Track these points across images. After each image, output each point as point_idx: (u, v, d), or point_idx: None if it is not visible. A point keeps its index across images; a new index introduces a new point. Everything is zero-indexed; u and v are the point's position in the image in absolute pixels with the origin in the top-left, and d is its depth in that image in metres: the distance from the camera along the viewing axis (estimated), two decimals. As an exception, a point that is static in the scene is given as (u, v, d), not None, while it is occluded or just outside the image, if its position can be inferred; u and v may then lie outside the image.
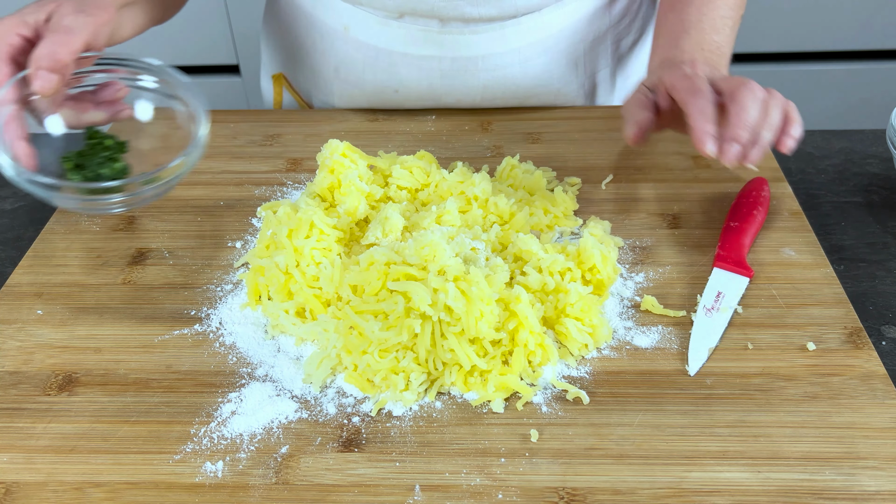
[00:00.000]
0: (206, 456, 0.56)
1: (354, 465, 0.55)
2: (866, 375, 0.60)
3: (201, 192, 0.82)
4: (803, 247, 0.72)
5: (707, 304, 0.66)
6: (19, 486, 0.54)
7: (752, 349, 0.63)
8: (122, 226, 0.77)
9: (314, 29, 0.91)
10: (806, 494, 0.53)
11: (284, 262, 0.65)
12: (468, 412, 0.59)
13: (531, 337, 0.61)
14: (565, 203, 0.75)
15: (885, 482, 0.53)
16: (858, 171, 0.85)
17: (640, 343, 0.64)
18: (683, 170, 0.83)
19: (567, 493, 0.53)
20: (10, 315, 0.68)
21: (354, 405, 0.59)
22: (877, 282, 0.71)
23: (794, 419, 0.57)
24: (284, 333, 0.65)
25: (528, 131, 0.89)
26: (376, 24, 0.87)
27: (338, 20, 0.89)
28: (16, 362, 0.63)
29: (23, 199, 0.85)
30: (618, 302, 0.67)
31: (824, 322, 0.65)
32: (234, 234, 0.76)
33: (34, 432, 0.58)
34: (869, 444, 0.55)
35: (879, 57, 1.71)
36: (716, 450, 0.55)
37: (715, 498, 0.52)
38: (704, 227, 0.75)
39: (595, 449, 0.56)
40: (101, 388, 0.61)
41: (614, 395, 0.60)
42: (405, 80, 0.89)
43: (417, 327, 0.59)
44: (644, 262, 0.71)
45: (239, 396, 0.60)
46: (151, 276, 0.71)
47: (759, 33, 1.65)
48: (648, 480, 0.54)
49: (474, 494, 0.53)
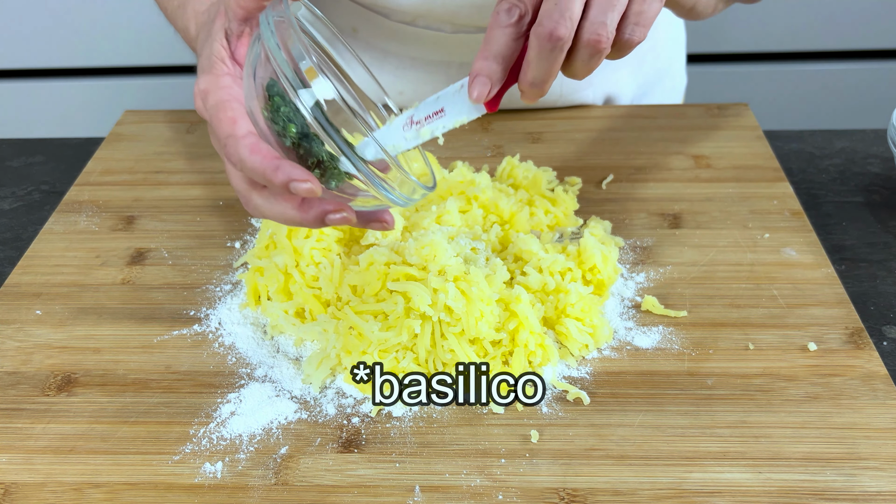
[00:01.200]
0: (205, 457, 0.56)
1: (354, 465, 0.55)
2: (867, 376, 0.60)
3: (201, 192, 0.81)
4: (804, 247, 0.72)
5: (417, 117, 0.53)
6: (18, 486, 0.54)
7: (752, 349, 0.63)
8: (121, 226, 0.77)
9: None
10: (807, 495, 0.52)
11: (284, 263, 0.65)
12: (468, 413, 0.59)
13: (531, 337, 0.60)
14: (565, 203, 0.75)
15: (886, 483, 0.53)
16: (859, 171, 0.85)
17: (641, 343, 0.63)
18: (683, 170, 0.83)
19: (567, 494, 0.53)
20: (9, 315, 0.68)
21: (354, 406, 0.59)
22: (878, 282, 0.71)
23: (795, 420, 0.57)
24: (284, 334, 0.65)
25: (529, 131, 0.89)
26: (387, 28, 0.86)
27: (347, 21, 0.88)
28: (14, 362, 0.63)
29: (22, 199, 0.85)
30: (618, 302, 0.67)
31: (825, 322, 0.64)
32: (233, 234, 0.76)
33: (33, 433, 0.58)
34: (870, 445, 0.55)
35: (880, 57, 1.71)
36: (716, 450, 0.55)
37: (716, 499, 0.52)
38: (705, 227, 0.75)
39: (595, 449, 0.56)
40: (100, 389, 0.61)
41: (615, 396, 0.59)
42: (410, 83, 0.89)
43: (417, 328, 0.59)
44: (645, 262, 0.71)
45: (238, 397, 0.60)
46: (150, 277, 0.71)
47: (759, 33, 1.65)
48: (649, 481, 0.53)
49: (474, 495, 0.53)
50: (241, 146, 0.49)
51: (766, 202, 0.78)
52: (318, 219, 0.52)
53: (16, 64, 1.67)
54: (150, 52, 1.63)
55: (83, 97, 1.70)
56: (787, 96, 1.69)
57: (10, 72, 1.69)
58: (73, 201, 0.81)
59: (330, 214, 0.51)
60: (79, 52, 1.65)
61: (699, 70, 1.63)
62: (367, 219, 0.55)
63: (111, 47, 1.64)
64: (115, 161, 0.87)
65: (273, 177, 0.48)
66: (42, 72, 1.69)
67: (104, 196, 0.81)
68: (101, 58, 1.66)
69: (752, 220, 0.75)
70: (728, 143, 0.86)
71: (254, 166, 0.49)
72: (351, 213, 0.52)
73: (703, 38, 1.62)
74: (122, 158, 0.87)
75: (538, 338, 0.61)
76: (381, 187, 0.50)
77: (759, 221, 0.75)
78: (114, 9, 1.59)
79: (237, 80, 0.54)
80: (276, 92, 0.49)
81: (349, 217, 0.52)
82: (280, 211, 0.52)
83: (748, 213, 0.76)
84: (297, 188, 0.48)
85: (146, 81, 1.69)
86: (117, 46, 1.64)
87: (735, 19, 1.61)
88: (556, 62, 0.50)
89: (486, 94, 0.51)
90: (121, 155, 0.88)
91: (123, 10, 1.59)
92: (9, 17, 1.60)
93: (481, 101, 0.51)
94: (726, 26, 1.62)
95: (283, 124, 0.49)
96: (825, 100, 1.73)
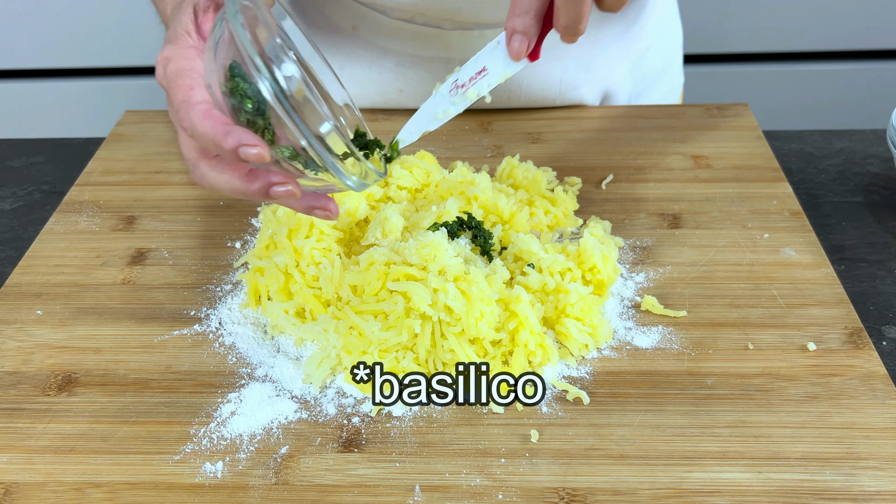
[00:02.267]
0: (205, 456, 0.56)
1: (354, 465, 0.55)
2: (867, 376, 0.60)
3: (201, 192, 0.81)
4: (804, 247, 0.72)
5: (461, 80, 0.56)
6: (19, 486, 0.54)
7: (752, 349, 0.63)
8: (122, 226, 0.77)
9: (322, 26, 0.91)
10: (806, 495, 0.52)
11: (284, 263, 0.65)
12: (468, 412, 0.59)
13: (531, 337, 0.61)
14: (565, 203, 0.75)
15: (885, 482, 0.53)
16: (859, 171, 0.85)
17: (641, 343, 0.64)
18: (683, 170, 0.83)
19: (567, 494, 0.53)
20: (10, 315, 0.68)
21: (354, 405, 0.59)
22: (877, 282, 0.71)
23: (794, 419, 0.57)
24: (284, 334, 0.65)
25: (529, 131, 0.89)
26: (386, 25, 0.86)
27: (347, 20, 0.88)
28: (15, 362, 0.63)
29: (22, 199, 0.85)
30: (618, 302, 0.67)
31: (825, 322, 0.65)
32: (233, 234, 0.76)
33: (33, 432, 0.58)
34: (869, 445, 0.55)
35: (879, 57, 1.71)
36: (716, 450, 0.55)
37: (715, 498, 0.52)
38: (704, 227, 0.75)
39: (595, 449, 0.56)
40: (101, 389, 0.61)
41: (614, 396, 0.59)
42: (410, 81, 0.89)
43: (417, 327, 0.59)
44: (644, 262, 0.71)
45: (238, 397, 0.60)
46: (151, 276, 0.71)
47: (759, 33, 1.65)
48: (649, 481, 0.54)
49: (474, 495, 0.53)
50: (193, 112, 0.50)
51: (766, 202, 0.78)
52: (262, 190, 0.52)
53: (16, 64, 1.67)
54: (151, 52, 1.63)
55: (84, 97, 1.70)
56: (786, 96, 1.69)
57: (10, 72, 1.69)
58: (74, 201, 0.81)
59: (275, 186, 0.52)
60: (79, 52, 1.65)
61: (699, 70, 1.63)
62: (311, 204, 0.55)
63: (112, 47, 1.64)
64: (116, 161, 0.87)
65: (223, 141, 0.49)
66: (42, 72, 1.69)
67: (105, 196, 0.81)
68: (102, 58, 1.66)
69: (752, 220, 0.75)
70: (728, 143, 0.86)
71: (205, 131, 0.50)
72: (296, 186, 0.52)
73: (703, 39, 1.62)
74: (123, 158, 0.87)
75: (538, 338, 0.61)
76: (336, 168, 0.51)
77: (758, 221, 0.75)
78: (114, 9, 1.59)
79: (200, 53, 0.55)
80: (238, 73, 0.50)
81: (294, 191, 0.52)
82: (226, 180, 0.53)
83: (748, 213, 0.76)
84: (245, 153, 0.49)
85: (146, 81, 1.69)
86: (118, 46, 1.64)
87: (735, 19, 1.61)
88: (583, 1, 0.52)
89: (525, 49, 0.53)
90: (121, 155, 0.88)
91: (124, 10, 1.59)
92: (9, 17, 1.60)
93: (521, 56, 0.53)
94: (726, 26, 1.62)
95: (240, 99, 0.50)
96: (825, 100, 1.73)
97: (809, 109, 1.72)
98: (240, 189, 0.53)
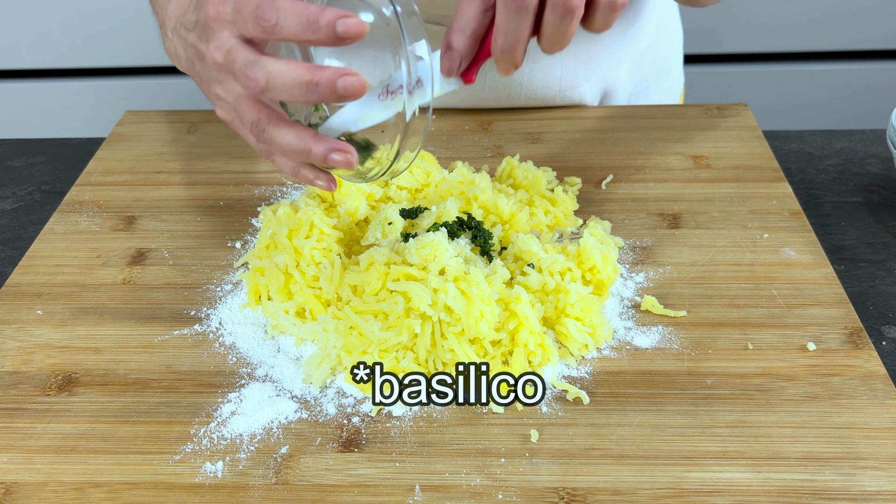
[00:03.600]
0: (205, 456, 0.56)
1: (354, 465, 0.55)
2: (866, 375, 0.60)
3: (201, 192, 0.82)
4: (803, 247, 0.72)
5: (392, 86, 0.52)
6: (19, 486, 0.54)
7: (752, 349, 0.63)
8: (122, 226, 0.77)
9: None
10: (806, 494, 0.52)
11: (284, 263, 0.65)
12: (468, 412, 0.59)
13: (531, 337, 0.61)
14: (565, 203, 0.75)
15: (885, 482, 0.53)
16: (859, 171, 0.85)
17: (641, 343, 0.64)
18: (683, 170, 0.83)
19: (567, 494, 0.53)
20: (10, 315, 0.68)
21: (354, 405, 0.59)
22: (877, 282, 0.71)
23: (794, 419, 0.57)
24: (284, 334, 0.65)
25: (528, 131, 0.89)
26: None
27: None
28: (15, 362, 0.63)
29: (23, 200, 0.85)
30: (618, 302, 0.67)
31: (824, 322, 0.65)
32: (234, 234, 0.76)
33: (34, 432, 0.58)
34: (869, 445, 0.55)
35: (879, 57, 1.71)
36: (716, 450, 0.55)
37: (715, 498, 0.52)
38: (704, 227, 0.75)
39: (595, 449, 0.56)
40: (101, 389, 0.61)
41: (614, 396, 0.59)
42: None
43: (417, 327, 0.59)
44: (644, 262, 0.71)
45: (239, 397, 0.60)
46: (151, 276, 0.71)
47: (758, 33, 1.65)
48: (648, 481, 0.54)
49: (474, 495, 0.53)
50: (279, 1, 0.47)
51: (766, 202, 0.78)
52: (325, 153, 0.50)
53: (16, 64, 1.67)
54: (151, 52, 1.64)
55: (84, 97, 1.70)
56: (786, 96, 1.69)
57: (10, 72, 1.70)
58: (74, 201, 0.81)
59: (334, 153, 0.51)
60: (79, 52, 1.65)
61: (698, 70, 1.63)
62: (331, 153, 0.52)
63: (112, 47, 1.64)
64: (116, 161, 0.87)
65: (320, 15, 0.46)
66: (43, 72, 1.70)
67: (105, 196, 0.82)
68: (102, 58, 1.66)
69: (752, 220, 0.75)
70: (727, 143, 0.86)
71: (298, 9, 0.46)
72: (355, 157, 0.51)
73: (703, 39, 1.62)
74: (123, 159, 0.87)
75: (538, 338, 0.61)
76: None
77: (758, 221, 0.75)
78: (114, 9, 1.59)
79: None
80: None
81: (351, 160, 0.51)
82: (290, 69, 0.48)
83: (747, 213, 0.76)
84: (346, 24, 0.45)
85: (146, 81, 1.69)
86: (118, 46, 1.64)
87: (734, 19, 1.62)
88: (523, 26, 0.49)
89: (455, 67, 0.51)
90: (121, 155, 0.88)
91: (124, 10, 1.59)
92: (9, 17, 1.60)
93: (452, 74, 0.51)
94: (725, 26, 1.63)
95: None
96: (824, 100, 1.73)
97: (809, 109, 1.72)
98: (304, 149, 0.50)
